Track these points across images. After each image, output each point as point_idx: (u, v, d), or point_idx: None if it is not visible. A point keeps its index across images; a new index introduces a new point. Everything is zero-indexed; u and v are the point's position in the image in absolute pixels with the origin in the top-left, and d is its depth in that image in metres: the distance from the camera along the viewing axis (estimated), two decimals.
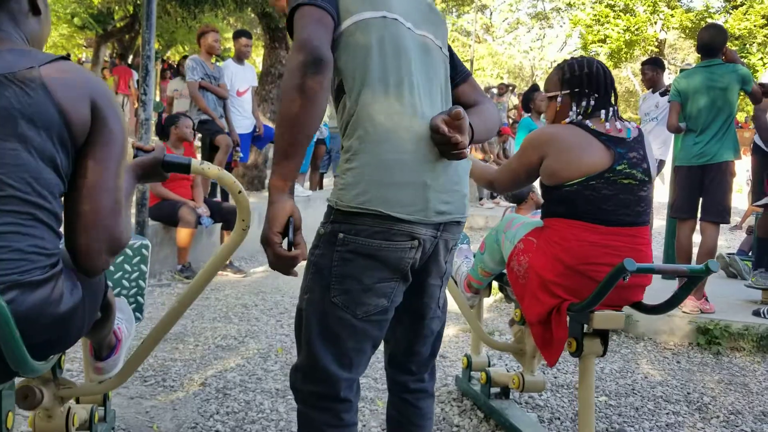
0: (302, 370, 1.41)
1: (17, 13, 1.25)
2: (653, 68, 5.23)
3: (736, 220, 8.34)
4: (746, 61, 16.23)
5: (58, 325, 1.18)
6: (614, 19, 18.83)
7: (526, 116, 6.01)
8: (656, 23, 18.99)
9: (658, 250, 4.99)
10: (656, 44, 19.22)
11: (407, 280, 1.42)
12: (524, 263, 2.06)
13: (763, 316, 3.73)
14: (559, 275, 1.96)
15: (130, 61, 14.09)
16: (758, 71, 15.36)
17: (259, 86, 7.08)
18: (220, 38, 5.60)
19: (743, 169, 9.73)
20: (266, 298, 4.25)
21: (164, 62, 16.76)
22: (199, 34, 5.57)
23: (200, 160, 1.64)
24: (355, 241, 1.33)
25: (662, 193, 7.43)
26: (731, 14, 17.30)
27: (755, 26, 16.49)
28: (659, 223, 5.95)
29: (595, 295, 1.87)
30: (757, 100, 4.08)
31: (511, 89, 14.19)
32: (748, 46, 16.99)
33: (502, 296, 3.29)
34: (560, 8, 28.15)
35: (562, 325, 1.96)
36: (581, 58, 2.15)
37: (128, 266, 2.00)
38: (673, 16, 18.34)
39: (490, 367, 2.66)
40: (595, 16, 19.69)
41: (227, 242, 1.69)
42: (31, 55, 1.17)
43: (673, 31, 19.71)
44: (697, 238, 3.88)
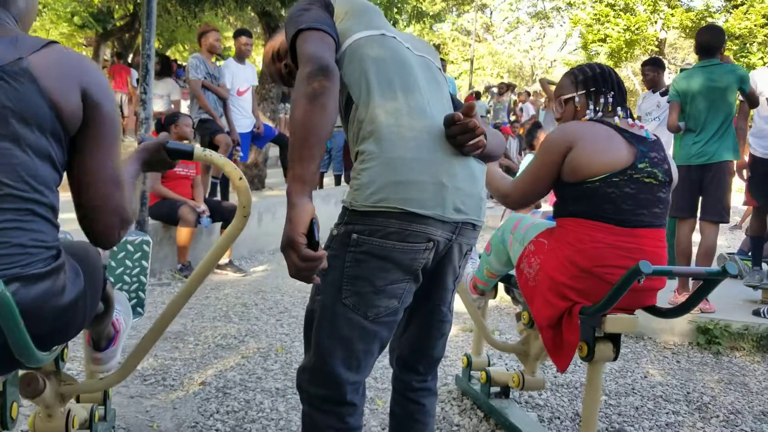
0: (309, 371, 1.41)
1: None
2: (654, 69, 5.22)
3: (735, 219, 8.33)
4: (746, 60, 16.25)
5: (61, 316, 1.19)
6: (614, 18, 18.83)
7: (529, 153, 6.08)
8: (656, 22, 18.98)
9: None
10: (656, 44, 19.21)
11: (418, 281, 1.42)
12: (535, 265, 2.01)
13: (763, 315, 3.74)
14: (572, 278, 1.90)
15: (130, 60, 14.07)
16: None
17: (258, 85, 7.08)
18: (221, 38, 5.60)
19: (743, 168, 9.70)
20: (266, 297, 4.25)
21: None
22: (200, 33, 5.56)
23: (202, 147, 1.65)
24: (369, 241, 1.32)
25: None
26: (731, 14, 17.30)
27: (755, 25, 16.47)
28: None
29: (608, 297, 1.81)
30: (753, 103, 4.08)
31: (511, 89, 14.21)
32: (748, 45, 16.99)
33: (502, 296, 3.28)
34: (560, 7, 28.16)
35: (573, 328, 1.90)
36: (588, 63, 2.14)
37: (129, 262, 2.01)
38: (673, 15, 18.34)
39: (490, 366, 2.66)
40: (595, 15, 19.68)
41: (229, 229, 1.71)
42: (18, 43, 1.15)
43: (673, 30, 19.70)
44: (696, 237, 3.88)
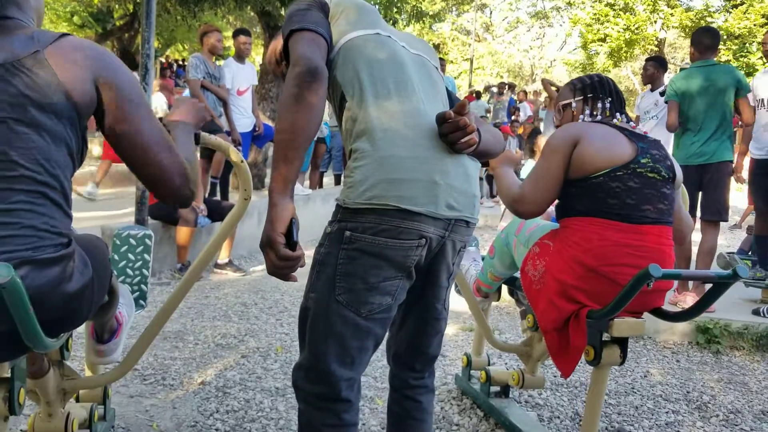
0: (304, 368, 1.42)
1: None
2: (656, 65, 5.22)
3: (735, 219, 8.34)
4: (746, 60, 16.27)
5: (68, 303, 1.20)
6: (614, 17, 18.85)
7: (530, 160, 6.11)
8: (656, 22, 19.00)
9: None
10: (656, 43, 19.23)
11: (412, 278, 1.42)
12: (540, 267, 1.98)
13: (762, 315, 3.74)
14: (578, 278, 1.86)
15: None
16: (758, 70, 15.35)
17: (258, 84, 7.08)
18: (222, 38, 5.58)
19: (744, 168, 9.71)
20: (266, 296, 4.25)
21: (165, 61, 16.77)
22: (201, 33, 5.53)
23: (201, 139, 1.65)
24: (361, 239, 1.33)
25: None
26: (731, 13, 17.31)
27: (755, 25, 16.50)
28: None
29: (617, 301, 1.78)
30: (740, 114, 4.03)
31: (510, 88, 14.23)
32: (747, 45, 17.00)
33: (502, 296, 3.28)
34: (560, 7, 28.20)
35: (580, 332, 1.86)
36: (588, 74, 2.17)
37: (132, 255, 2.03)
38: (672, 15, 18.36)
39: (489, 365, 2.66)
40: (594, 14, 19.71)
41: (232, 213, 1.70)
42: (35, 37, 1.20)
43: (672, 30, 19.72)
44: (696, 237, 3.88)
